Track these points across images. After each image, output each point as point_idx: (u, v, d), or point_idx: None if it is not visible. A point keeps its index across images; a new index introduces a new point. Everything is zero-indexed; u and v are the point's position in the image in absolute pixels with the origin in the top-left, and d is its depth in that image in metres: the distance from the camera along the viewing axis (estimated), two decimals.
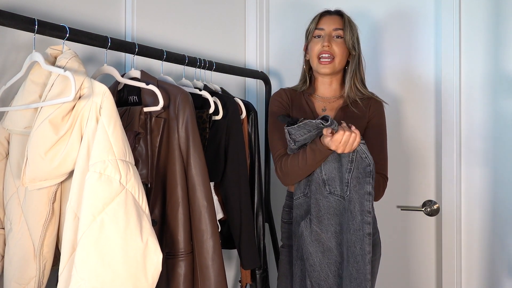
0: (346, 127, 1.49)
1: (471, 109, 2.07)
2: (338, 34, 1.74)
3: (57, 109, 1.11)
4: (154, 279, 1.13)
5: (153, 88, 1.38)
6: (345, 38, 1.74)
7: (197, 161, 1.41)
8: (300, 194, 1.67)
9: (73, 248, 1.10)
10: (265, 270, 1.94)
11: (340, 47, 1.73)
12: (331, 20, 1.76)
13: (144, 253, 1.11)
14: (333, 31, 1.74)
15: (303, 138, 1.57)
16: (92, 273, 1.06)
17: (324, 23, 1.76)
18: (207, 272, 1.39)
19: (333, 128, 1.48)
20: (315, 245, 1.59)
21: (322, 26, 1.76)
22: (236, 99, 1.78)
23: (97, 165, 1.08)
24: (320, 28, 1.76)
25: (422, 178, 2.19)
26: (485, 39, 2.04)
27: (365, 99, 1.78)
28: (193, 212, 1.41)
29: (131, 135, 1.33)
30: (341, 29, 1.74)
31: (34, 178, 1.13)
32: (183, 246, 1.39)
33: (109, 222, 1.07)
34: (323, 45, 1.72)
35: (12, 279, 1.21)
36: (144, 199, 1.14)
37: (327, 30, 1.75)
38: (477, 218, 2.07)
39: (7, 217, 1.23)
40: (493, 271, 2.04)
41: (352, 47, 1.75)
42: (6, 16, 1.09)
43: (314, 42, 1.76)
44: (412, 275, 2.22)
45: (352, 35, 1.74)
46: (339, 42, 1.74)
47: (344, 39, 1.74)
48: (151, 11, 1.84)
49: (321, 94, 1.83)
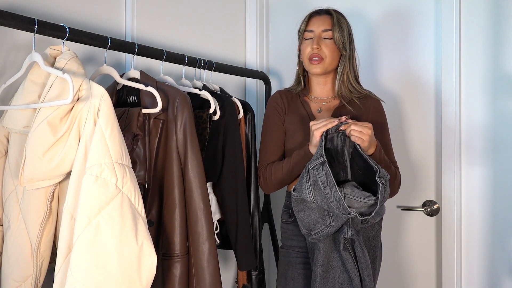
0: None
1: (471, 109, 2.07)
2: (327, 35, 1.73)
3: (56, 110, 1.12)
4: (148, 281, 1.14)
5: (151, 90, 1.38)
6: (335, 39, 1.73)
7: (195, 163, 1.42)
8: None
9: (69, 249, 1.11)
10: (261, 271, 1.93)
11: (330, 48, 1.73)
12: (320, 21, 1.75)
13: (139, 256, 1.12)
14: (322, 32, 1.74)
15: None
16: (87, 275, 1.07)
17: (313, 24, 1.75)
18: (203, 274, 1.40)
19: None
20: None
21: (311, 28, 1.76)
22: (233, 99, 1.78)
23: (94, 168, 1.09)
24: (309, 30, 1.76)
25: (422, 178, 2.19)
26: (485, 39, 2.04)
27: (362, 98, 1.78)
28: (190, 214, 1.42)
29: (129, 136, 1.33)
30: (330, 30, 1.73)
31: (32, 178, 1.14)
32: (179, 248, 1.39)
33: (104, 225, 1.08)
34: (313, 48, 1.72)
35: (10, 276, 1.22)
36: (141, 202, 1.15)
37: (316, 31, 1.74)
38: (477, 218, 2.06)
39: (5, 215, 1.24)
40: (493, 271, 2.04)
41: (342, 47, 1.73)
42: (6, 16, 1.09)
43: (305, 44, 1.76)
44: (412, 275, 2.22)
45: (342, 35, 1.73)
46: (328, 43, 1.73)
47: (334, 40, 1.73)
48: (151, 11, 1.84)
49: (317, 95, 1.83)
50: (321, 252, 1.51)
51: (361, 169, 1.54)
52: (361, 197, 1.42)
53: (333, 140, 1.54)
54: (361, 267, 1.47)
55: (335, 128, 1.53)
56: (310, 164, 1.49)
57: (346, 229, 1.47)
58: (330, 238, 1.51)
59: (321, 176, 1.43)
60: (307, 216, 1.51)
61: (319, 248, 1.51)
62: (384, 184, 1.43)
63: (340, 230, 1.48)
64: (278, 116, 1.81)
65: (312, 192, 1.46)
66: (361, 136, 1.50)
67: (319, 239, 1.51)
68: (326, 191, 1.42)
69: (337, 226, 1.46)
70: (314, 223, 1.49)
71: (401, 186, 1.77)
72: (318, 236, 1.49)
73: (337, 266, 1.49)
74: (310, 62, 1.74)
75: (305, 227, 1.53)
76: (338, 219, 1.44)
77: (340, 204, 1.39)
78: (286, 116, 1.81)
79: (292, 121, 1.79)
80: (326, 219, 1.47)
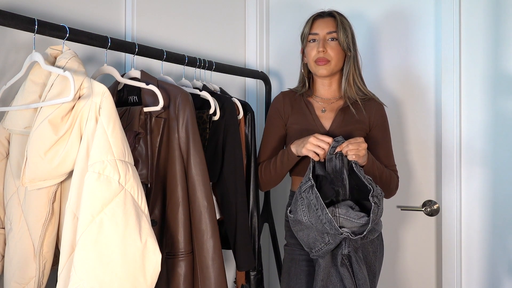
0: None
1: (471, 109, 2.07)
2: (332, 37, 1.76)
3: (57, 109, 1.11)
4: (153, 279, 1.13)
5: (153, 88, 1.38)
6: (339, 40, 1.76)
7: (197, 161, 1.41)
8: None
9: (72, 248, 1.10)
10: (259, 272, 1.91)
11: (335, 50, 1.76)
12: (324, 23, 1.77)
13: (143, 253, 1.11)
14: (327, 34, 1.76)
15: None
16: (90, 273, 1.06)
17: (318, 27, 1.78)
18: (207, 272, 1.39)
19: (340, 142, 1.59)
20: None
21: (315, 31, 1.78)
22: (233, 99, 1.78)
23: (96, 166, 1.08)
24: (314, 32, 1.78)
25: (422, 178, 2.19)
26: (485, 39, 2.04)
27: (366, 100, 1.79)
28: (193, 212, 1.41)
29: (131, 135, 1.33)
30: (334, 32, 1.76)
31: (34, 178, 1.13)
32: (183, 246, 1.39)
33: (108, 223, 1.07)
34: (319, 51, 1.75)
35: (12, 278, 1.21)
36: (144, 199, 1.14)
37: (321, 34, 1.77)
38: (477, 218, 2.06)
39: (7, 216, 1.24)
40: (493, 271, 2.04)
41: (347, 48, 1.76)
42: (6, 16, 1.09)
43: (310, 47, 1.78)
44: (412, 275, 2.22)
45: (346, 36, 1.76)
46: (333, 45, 1.76)
47: (339, 41, 1.76)
48: (151, 11, 1.84)
49: (321, 95, 1.85)
50: (321, 267, 1.56)
51: (358, 186, 1.59)
52: (354, 217, 1.49)
53: (331, 161, 1.59)
54: (358, 283, 1.52)
55: (333, 150, 1.58)
56: (301, 187, 1.56)
57: (344, 246, 1.53)
58: (330, 254, 1.56)
59: (312, 199, 1.50)
60: (306, 235, 1.57)
61: (319, 264, 1.57)
62: (377, 203, 1.50)
63: (338, 246, 1.54)
64: (279, 118, 1.85)
65: (307, 214, 1.52)
66: (358, 153, 1.56)
67: (320, 255, 1.56)
68: (318, 213, 1.48)
69: (335, 244, 1.52)
70: (313, 242, 1.55)
71: (401, 186, 1.79)
72: (318, 254, 1.55)
73: (336, 282, 1.54)
74: (317, 64, 1.76)
75: (305, 245, 1.60)
76: (336, 237, 1.50)
77: (332, 225, 1.46)
78: (289, 117, 1.84)
79: (296, 121, 1.82)
80: (325, 237, 1.52)
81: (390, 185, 1.77)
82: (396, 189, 1.82)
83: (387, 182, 1.74)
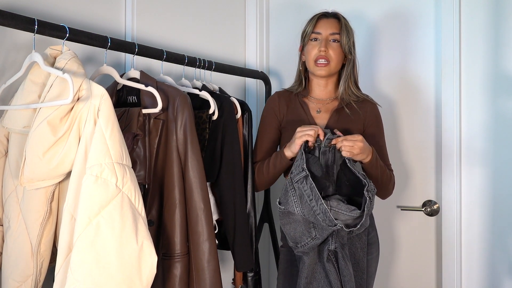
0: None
1: (471, 109, 2.07)
2: (335, 38, 1.76)
3: (56, 110, 1.12)
4: (148, 281, 1.14)
5: (151, 90, 1.38)
6: (342, 42, 1.76)
7: (195, 163, 1.41)
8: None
9: (69, 249, 1.11)
10: (257, 273, 1.90)
11: (336, 51, 1.76)
12: (328, 24, 1.77)
13: (139, 256, 1.12)
14: (330, 35, 1.76)
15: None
16: (87, 275, 1.07)
17: (321, 27, 1.77)
18: (203, 274, 1.40)
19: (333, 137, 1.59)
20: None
21: (319, 30, 1.77)
22: (232, 99, 1.78)
23: (94, 168, 1.09)
24: (317, 32, 1.77)
25: (422, 178, 2.19)
26: (485, 39, 2.04)
27: (359, 101, 1.80)
28: (190, 214, 1.42)
29: (129, 136, 1.33)
30: (337, 33, 1.76)
31: (32, 178, 1.14)
32: (179, 248, 1.39)
33: (104, 225, 1.08)
34: (320, 50, 1.75)
35: (10, 276, 1.22)
36: (141, 202, 1.15)
37: (324, 34, 1.76)
38: (477, 218, 2.07)
39: (6, 215, 1.24)
40: (493, 271, 2.04)
41: (348, 51, 1.77)
42: (6, 16, 1.09)
43: (311, 46, 1.78)
44: (412, 275, 2.22)
45: (349, 39, 1.77)
46: (335, 46, 1.76)
47: (341, 43, 1.76)
48: (151, 11, 1.84)
49: (316, 96, 1.85)
50: (306, 265, 1.55)
51: (348, 181, 1.59)
52: (346, 210, 1.49)
53: (325, 154, 1.59)
54: (344, 279, 1.52)
55: (328, 142, 1.58)
56: (293, 178, 1.53)
57: (331, 241, 1.53)
58: (315, 250, 1.55)
59: (306, 190, 1.49)
60: (293, 229, 1.55)
61: (303, 261, 1.56)
62: (371, 198, 1.50)
63: (325, 241, 1.53)
64: (274, 118, 1.85)
65: (300, 205, 1.51)
66: (352, 150, 1.56)
67: (305, 251, 1.55)
68: (312, 204, 1.47)
69: (322, 238, 1.51)
70: (300, 236, 1.54)
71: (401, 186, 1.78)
72: (304, 249, 1.54)
73: (320, 278, 1.53)
74: (316, 64, 1.76)
75: (291, 240, 1.58)
76: (323, 231, 1.49)
77: (327, 216, 1.44)
78: (285, 117, 1.84)
79: (290, 121, 1.82)
80: (312, 231, 1.52)
81: (389, 185, 1.78)
82: (393, 188, 1.82)
83: (387, 182, 1.75)
